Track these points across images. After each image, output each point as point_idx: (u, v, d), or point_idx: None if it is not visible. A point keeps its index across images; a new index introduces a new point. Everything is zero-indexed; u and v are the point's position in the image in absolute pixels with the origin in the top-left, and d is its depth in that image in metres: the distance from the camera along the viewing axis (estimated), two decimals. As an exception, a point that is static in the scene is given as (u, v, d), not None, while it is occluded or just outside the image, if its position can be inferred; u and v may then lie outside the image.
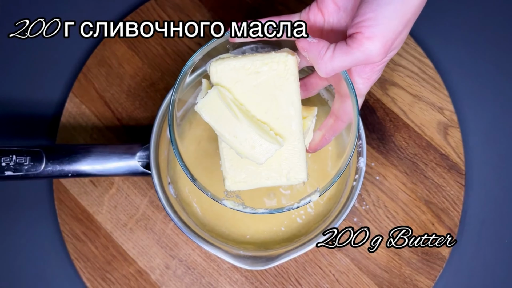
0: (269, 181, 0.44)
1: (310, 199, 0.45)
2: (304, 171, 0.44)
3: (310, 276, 0.57)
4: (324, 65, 0.39)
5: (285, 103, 0.42)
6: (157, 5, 0.64)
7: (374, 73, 0.43)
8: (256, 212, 0.45)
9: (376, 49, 0.37)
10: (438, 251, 0.57)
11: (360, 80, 0.43)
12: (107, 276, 0.58)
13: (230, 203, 0.46)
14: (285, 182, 0.44)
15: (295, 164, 0.43)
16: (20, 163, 0.51)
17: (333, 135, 0.47)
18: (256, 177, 0.44)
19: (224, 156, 0.44)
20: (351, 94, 0.42)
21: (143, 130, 0.61)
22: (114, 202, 0.59)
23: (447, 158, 0.59)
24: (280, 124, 0.42)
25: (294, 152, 0.43)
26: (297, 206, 0.45)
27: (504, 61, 0.63)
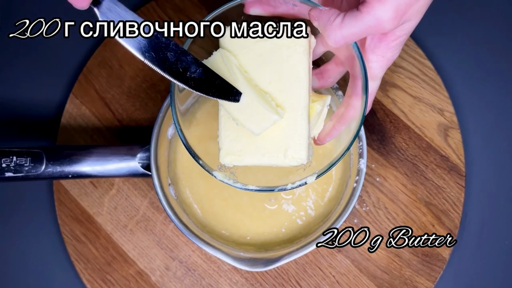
0: (265, 158, 0.41)
1: (306, 181, 0.42)
2: (304, 150, 0.40)
3: (310, 277, 0.57)
4: (333, 31, 0.37)
5: (290, 75, 0.40)
6: (158, 6, 0.64)
7: (388, 49, 0.40)
8: (247, 188, 0.42)
9: (388, 14, 0.35)
10: (438, 252, 0.57)
11: (374, 57, 0.40)
12: (107, 278, 0.58)
13: (221, 175, 0.43)
14: (282, 160, 0.41)
15: (295, 142, 0.40)
16: (21, 164, 0.51)
17: (344, 125, 0.43)
18: (252, 151, 0.41)
19: (222, 126, 0.41)
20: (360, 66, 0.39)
21: (143, 131, 0.61)
22: (114, 203, 0.59)
23: (448, 159, 0.59)
24: (284, 97, 0.40)
25: (296, 129, 0.40)
26: (290, 187, 0.42)
27: (504, 62, 0.63)
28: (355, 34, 0.37)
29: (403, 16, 0.36)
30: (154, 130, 0.53)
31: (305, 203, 0.57)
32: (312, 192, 0.57)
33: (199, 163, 0.43)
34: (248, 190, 0.43)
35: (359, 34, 0.37)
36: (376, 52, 0.40)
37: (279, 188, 0.42)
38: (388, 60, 0.41)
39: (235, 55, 0.41)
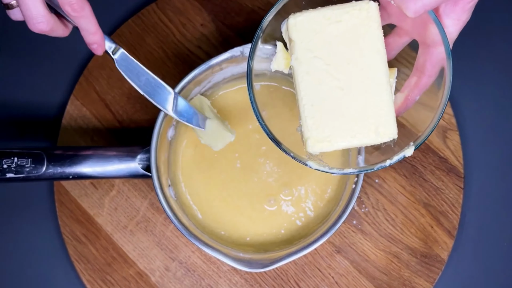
0: (356, 139, 0.40)
1: (404, 154, 0.41)
2: (394, 124, 0.40)
3: (310, 278, 0.58)
4: (413, 2, 0.36)
5: (369, 52, 0.40)
6: (158, 8, 0.64)
7: (464, 12, 0.39)
8: (344, 172, 0.42)
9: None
10: (437, 253, 0.58)
11: (450, 21, 0.39)
12: (107, 278, 0.58)
13: (316, 164, 0.42)
14: (373, 139, 0.40)
15: (383, 117, 0.40)
16: (22, 165, 0.51)
17: (418, 94, 0.43)
18: (341, 134, 0.40)
19: (305, 114, 0.40)
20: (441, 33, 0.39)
21: (143, 133, 0.61)
22: (115, 204, 0.60)
23: (446, 161, 0.59)
24: (365, 74, 0.40)
25: (382, 104, 0.40)
26: (389, 164, 0.41)
27: (503, 64, 0.63)
28: (436, 1, 0.36)
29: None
30: (154, 131, 0.54)
31: (304, 204, 0.57)
32: (312, 193, 0.57)
33: (291, 155, 0.42)
34: (345, 174, 0.42)
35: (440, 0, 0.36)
36: (451, 16, 0.40)
37: (378, 166, 0.42)
38: (463, 23, 0.40)
39: (308, 41, 0.40)
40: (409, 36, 0.43)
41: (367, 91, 0.40)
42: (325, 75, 0.40)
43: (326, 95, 0.40)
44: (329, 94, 0.40)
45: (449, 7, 0.39)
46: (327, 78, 0.40)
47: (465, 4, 0.39)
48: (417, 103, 0.44)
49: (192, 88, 0.55)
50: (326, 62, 0.40)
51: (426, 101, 0.43)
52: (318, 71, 0.40)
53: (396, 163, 0.42)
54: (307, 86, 0.41)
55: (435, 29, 0.39)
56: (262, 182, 0.58)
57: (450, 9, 0.40)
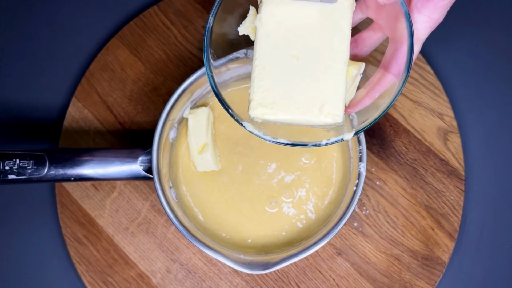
0: (299, 112, 0.38)
1: (343, 137, 0.40)
2: (341, 107, 0.38)
3: (310, 280, 0.58)
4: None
5: (333, 30, 0.38)
6: (160, 11, 0.64)
7: (436, 9, 0.38)
8: (277, 141, 0.40)
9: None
10: (438, 256, 0.58)
11: (420, 17, 0.39)
12: (108, 280, 0.58)
13: (251, 126, 0.40)
14: (316, 116, 0.39)
15: (332, 97, 0.38)
16: (23, 167, 0.51)
17: (379, 92, 0.41)
18: (286, 104, 0.38)
19: (255, 75, 0.39)
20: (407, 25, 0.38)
21: (145, 135, 0.61)
22: (116, 206, 0.60)
23: (447, 163, 0.59)
24: (325, 50, 0.38)
25: (334, 84, 0.38)
26: (325, 143, 0.40)
27: (504, 67, 0.63)
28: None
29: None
30: (155, 133, 0.54)
31: (305, 207, 0.57)
32: (313, 195, 0.57)
33: (229, 111, 0.41)
34: (278, 143, 0.40)
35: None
36: (422, 12, 0.39)
37: (313, 144, 0.40)
38: (434, 22, 0.39)
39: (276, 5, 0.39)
40: (383, 31, 0.42)
41: (322, 67, 0.39)
42: (284, 41, 0.39)
43: (280, 61, 0.39)
44: (283, 61, 0.39)
45: (422, 2, 0.39)
46: (285, 45, 0.39)
47: (438, 2, 0.38)
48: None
49: (194, 89, 0.55)
50: (288, 29, 0.39)
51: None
52: (278, 35, 0.39)
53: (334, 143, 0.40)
54: (263, 47, 0.39)
55: (404, 24, 0.38)
56: (264, 184, 0.58)
57: (422, 4, 0.39)
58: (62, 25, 0.65)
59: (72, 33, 0.65)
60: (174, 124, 0.56)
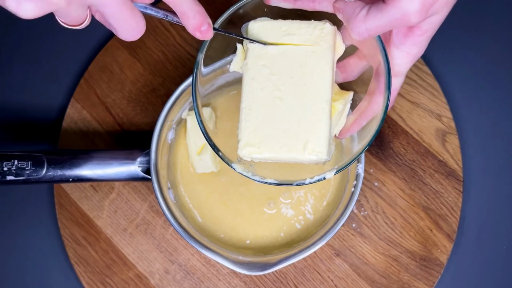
0: (284, 150, 0.40)
1: (324, 176, 0.42)
2: (324, 144, 0.40)
3: (309, 281, 0.58)
4: (357, 24, 0.36)
5: (315, 70, 0.40)
6: (159, 12, 0.64)
7: (414, 45, 0.38)
8: (265, 182, 0.42)
9: (414, 7, 0.34)
10: (436, 257, 0.58)
11: (399, 53, 0.39)
12: (106, 281, 0.58)
13: (240, 167, 0.43)
14: (301, 153, 0.40)
15: (315, 135, 0.40)
16: (22, 168, 0.51)
17: (365, 120, 0.42)
18: (272, 143, 0.41)
19: (243, 117, 0.41)
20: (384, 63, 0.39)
21: (143, 136, 0.61)
22: (115, 206, 0.60)
23: (445, 164, 0.60)
24: (307, 90, 0.40)
25: (317, 122, 0.40)
26: (309, 182, 0.42)
27: (502, 68, 0.63)
28: (379, 27, 0.36)
29: (430, 8, 0.35)
30: (154, 134, 0.54)
31: (303, 208, 0.57)
32: (311, 196, 0.57)
33: (219, 154, 0.43)
34: (266, 183, 0.42)
35: (384, 27, 0.36)
36: (401, 48, 0.39)
37: (297, 183, 0.42)
38: (414, 57, 0.40)
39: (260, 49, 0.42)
40: (367, 60, 0.43)
41: (305, 106, 0.41)
42: (268, 83, 0.41)
43: (265, 103, 0.41)
44: (268, 102, 0.41)
45: (400, 38, 0.39)
46: (269, 87, 0.41)
47: (415, 37, 0.38)
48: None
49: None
50: (272, 72, 0.41)
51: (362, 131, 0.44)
52: (263, 79, 0.41)
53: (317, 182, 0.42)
54: (249, 90, 0.42)
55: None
56: (262, 185, 0.57)
57: (400, 41, 0.39)
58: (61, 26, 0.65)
59: (71, 34, 0.65)
60: (172, 125, 0.57)
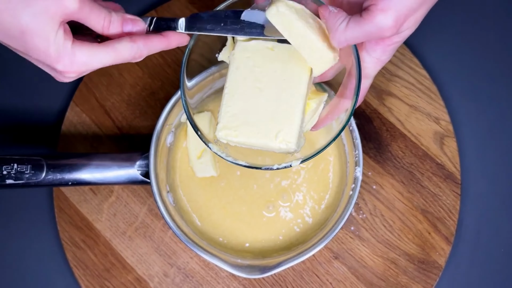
0: (258, 136, 0.43)
1: (291, 164, 0.45)
2: (294, 135, 0.43)
3: (308, 284, 0.58)
4: (338, 35, 0.40)
5: (295, 67, 0.44)
6: (157, 15, 0.65)
7: (384, 53, 0.43)
8: (237, 163, 0.45)
9: (388, 23, 0.38)
10: (434, 259, 0.58)
11: (369, 58, 0.43)
12: (105, 284, 0.58)
13: (216, 148, 0.46)
14: (272, 141, 0.43)
15: (287, 126, 0.43)
16: (21, 171, 0.51)
17: (336, 114, 0.47)
18: (247, 128, 0.44)
19: (224, 102, 0.44)
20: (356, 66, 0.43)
21: (142, 139, 0.61)
22: (114, 210, 0.60)
23: (443, 167, 0.60)
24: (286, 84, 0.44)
25: (290, 114, 0.43)
26: (276, 168, 0.45)
27: (499, 71, 0.63)
28: (356, 38, 0.40)
29: (402, 24, 0.39)
30: (153, 138, 0.54)
31: (302, 211, 0.57)
32: (310, 199, 0.57)
33: (198, 133, 0.45)
34: (237, 164, 0.45)
35: (361, 38, 0.40)
36: (372, 54, 0.43)
37: (266, 167, 0.45)
38: (382, 62, 0.44)
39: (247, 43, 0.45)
40: (341, 62, 0.46)
41: (281, 99, 0.44)
42: (251, 74, 0.44)
43: (246, 91, 0.44)
44: (249, 91, 0.44)
45: (372, 45, 0.42)
46: (251, 77, 0.44)
47: (386, 47, 0.42)
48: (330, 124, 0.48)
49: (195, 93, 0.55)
50: (256, 64, 0.44)
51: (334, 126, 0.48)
52: (247, 69, 0.44)
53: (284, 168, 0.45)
54: (233, 79, 0.44)
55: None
56: (261, 188, 0.58)
57: (371, 48, 0.43)
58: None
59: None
60: (171, 128, 0.57)
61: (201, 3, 0.65)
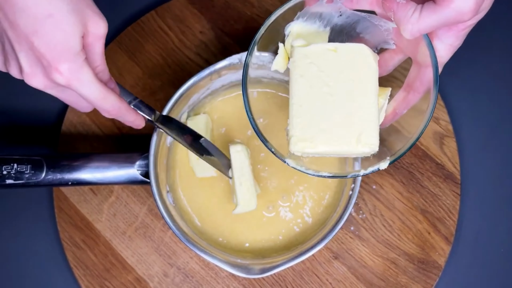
0: (338, 143, 0.42)
1: (379, 167, 0.43)
2: (376, 136, 0.42)
3: (307, 284, 0.58)
4: (410, 26, 0.38)
5: (361, 66, 0.42)
6: (158, 16, 0.65)
7: (457, 38, 0.40)
8: (320, 175, 0.43)
9: (469, 5, 0.36)
10: (434, 260, 0.58)
11: (442, 46, 0.41)
12: (105, 284, 0.58)
13: (293, 162, 0.44)
14: (354, 146, 0.42)
15: (366, 127, 0.42)
16: (21, 171, 0.51)
17: (405, 108, 0.45)
18: (324, 137, 0.42)
19: (293, 113, 0.42)
20: (432, 57, 0.41)
21: (142, 139, 0.61)
22: (114, 210, 0.60)
23: (443, 167, 0.60)
24: (355, 85, 0.42)
25: (367, 116, 0.42)
26: (363, 174, 0.43)
27: (499, 71, 0.63)
28: (432, 27, 0.38)
29: (480, 6, 0.37)
30: (153, 138, 0.54)
31: (302, 211, 0.57)
32: (309, 199, 0.57)
33: (272, 150, 0.44)
34: (321, 176, 0.43)
35: (437, 26, 0.38)
36: (444, 41, 0.41)
37: (352, 174, 0.43)
38: (455, 48, 0.41)
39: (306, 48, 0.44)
40: (404, 53, 0.45)
41: (354, 101, 0.42)
42: (318, 80, 0.43)
43: (315, 99, 0.42)
44: (318, 98, 0.42)
45: (443, 32, 0.41)
46: (318, 83, 0.43)
47: (459, 31, 0.40)
48: (404, 119, 0.46)
49: (191, 95, 0.56)
50: (320, 69, 0.43)
51: (411, 119, 0.45)
52: (312, 76, 0.43)
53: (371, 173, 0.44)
54: (299, 88, 0.43)
55: (427, 50, 0.41)
56: (261, 188, 0.58)
57: (443, 34, 0.41)
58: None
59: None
60: (171, 128, 0.57)
61: (201, 4, 0.65)
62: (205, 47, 0.64)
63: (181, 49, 0.64)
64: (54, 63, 0.38)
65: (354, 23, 0.45)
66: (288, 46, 0.45)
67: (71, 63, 0.39)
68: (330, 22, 0.45)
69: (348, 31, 0.46)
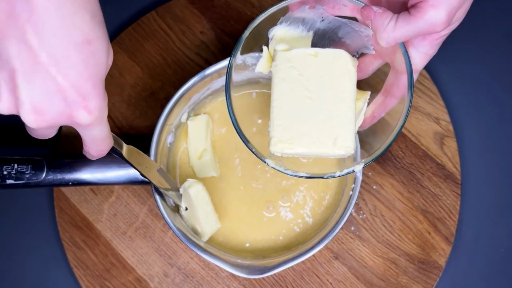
0: (315, 145, 0.43)
1: (353, 169, 0.45)
2: (352, 139, 0.43)
3: (308, 284, 0.58)
4: (386, 34, 0.40)
5: (340, 71, 0.44)
6: (158, 16, 0.65)
7: (432, 47, 0.42)
8: (297, 175, 0.44)
9: (441, 18, 0.37)
10: (435, 260, 0.58)
11: (417, 54, 0.43)
12: (106, 284, 0.58)
13: (273, 162, 0.45)
14: (331, 149, 0.43)
15: (343, 131, 0.43)
16: (22, 171, 0.51)
17: (383, 112, 0.46)
18: (303, 139, 0.43)
19: (274, 115, 0.44)
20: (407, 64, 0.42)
21: (143, 139, 0.61)
22: (114, 210, 0.60)
23: (443, 167, 0.60)
24: (334, 90, 0.44)
25: (344, 120, 0.43)
26: (339, 175, 0.44)
27: (500, 71, 0.63)
28: (406, 36, 0.39)
29: (453, 18, 0.39)
30: (153, 138, 0.54)
31: (302, 211, 0.57)
32: (310, 199, 0.57)
33: (252, 150, 0.45)
34: (298, 176, 0.44)
35: (411, 36, 0.39)
36: (419, 49, 0.43)
37: (328, 175, 0.44)
38: (430, 56, 0.43)
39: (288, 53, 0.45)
40: (383, 59, 0.46)
41: (333, 104, 0.43)
42: (298, 84, 0.44)
43: (295, 102, 0.44)
44: (298, 101, 0.44)
45: (418, 41, 0.42)
46: (299, 87, 0.44)
47: (433, 41, 0.42)
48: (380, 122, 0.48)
49: (192, 95, 0.56)
50: (300, 73, 0.44)
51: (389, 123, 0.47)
52: (293, 79, 0.44)
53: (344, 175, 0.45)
54: (279, 90, 0.44)
55: (402, 56, 0.43)
56: (261, 189, 0.58)
57: (418, 43, 0.42)
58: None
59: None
60: (171, 129, 0.57)
61: (201, 4, 0.65)
62: (205, 47, 0.64)
63: (181, 49, 0.64)
64: (84, 99, 0.33)
65: (336, 28, 0.46)
66: (271, 49, 0.46)
67: (102, 101, 0.34)
68: (313, 26, 0.46)
69: (331, 35, 0.47)
